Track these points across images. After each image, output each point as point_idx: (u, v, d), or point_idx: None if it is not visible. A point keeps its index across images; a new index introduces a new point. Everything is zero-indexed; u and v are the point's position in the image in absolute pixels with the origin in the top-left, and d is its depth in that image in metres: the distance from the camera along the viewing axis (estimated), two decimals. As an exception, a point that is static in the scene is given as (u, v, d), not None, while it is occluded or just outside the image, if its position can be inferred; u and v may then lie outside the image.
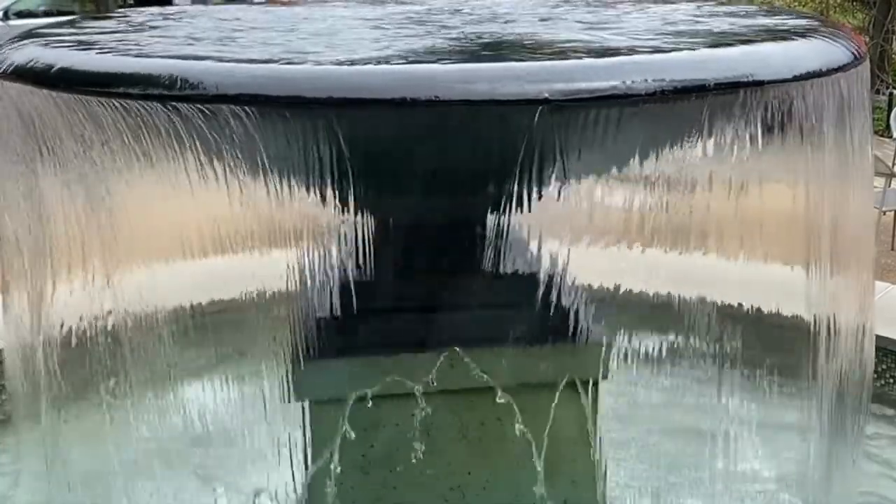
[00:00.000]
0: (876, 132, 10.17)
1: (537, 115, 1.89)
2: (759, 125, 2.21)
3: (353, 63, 2.01)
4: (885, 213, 7.35)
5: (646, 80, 1.92)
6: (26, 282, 2.46)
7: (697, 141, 2.24)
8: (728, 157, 2.28)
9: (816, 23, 2.58)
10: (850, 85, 2.34)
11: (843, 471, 2.86)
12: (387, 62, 2.06)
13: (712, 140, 2.23)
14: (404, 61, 2.10)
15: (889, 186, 7.42)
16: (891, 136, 8.86)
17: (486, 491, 2.70)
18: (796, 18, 2.69)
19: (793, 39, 2.29)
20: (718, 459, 3.08)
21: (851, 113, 2.40)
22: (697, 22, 2.62)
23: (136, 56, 2.11)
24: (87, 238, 2.35)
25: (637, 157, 2.40)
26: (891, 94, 11.54)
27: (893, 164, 7.69)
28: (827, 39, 2.31)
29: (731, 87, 2.04)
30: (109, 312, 2.44)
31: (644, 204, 2.47)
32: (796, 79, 2.14)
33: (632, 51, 2.15)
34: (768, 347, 3.14)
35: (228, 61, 2.04)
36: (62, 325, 2.50)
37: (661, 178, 2.43)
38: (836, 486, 2.85)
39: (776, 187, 2.48)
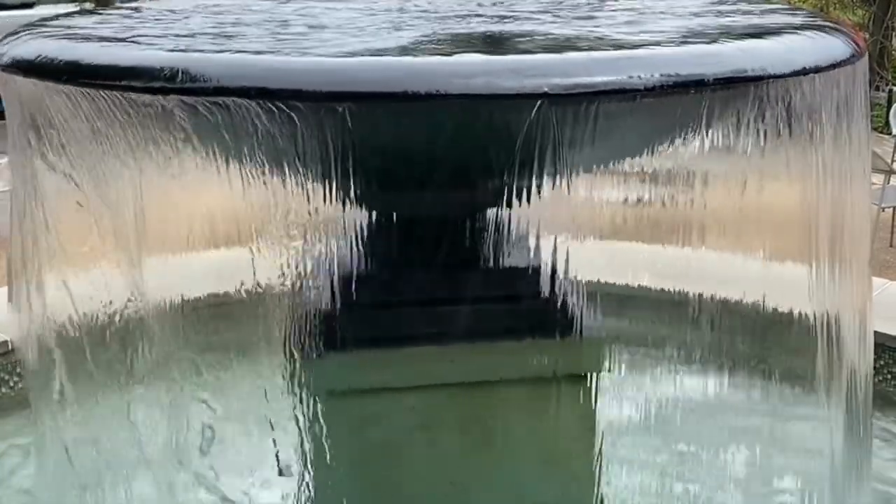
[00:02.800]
0: (875, 129, 10.17)
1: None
2: (757, 120, 2.22)
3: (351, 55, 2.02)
4: (883, 210, 7.35)
5: (645, 75, 1.93)
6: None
7: (696, 136, 2.26)
8: (725, 152, 2.29)
9: (816, 19, 2.59)
10: (848, 81, 2.35)
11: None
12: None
13: (710, 135, 2.24)
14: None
15: (888, 183, 7.42)
16: (890, 133, 8.87)
17: (487, 485, 2.71)
18: (796, 14, 2.70)
19: (792, 35, 2.30)
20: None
21: (850, 108, 2.41)
22: (698, 18, 2.63)
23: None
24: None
25: (635, 151, 2.42)
26: (890, 90, 11.52)
27: (892, 161, 7.69)
28: (826, 35, 2.32)
29: (729, 83, 2.05)
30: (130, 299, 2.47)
31: (644, 198, 2.48)
32: (794, 74, 2.15)
33: (632, 46, 2.16)
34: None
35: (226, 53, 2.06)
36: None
37: (658, 173, 2.44)
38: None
39: (775, 183, 2.49)
